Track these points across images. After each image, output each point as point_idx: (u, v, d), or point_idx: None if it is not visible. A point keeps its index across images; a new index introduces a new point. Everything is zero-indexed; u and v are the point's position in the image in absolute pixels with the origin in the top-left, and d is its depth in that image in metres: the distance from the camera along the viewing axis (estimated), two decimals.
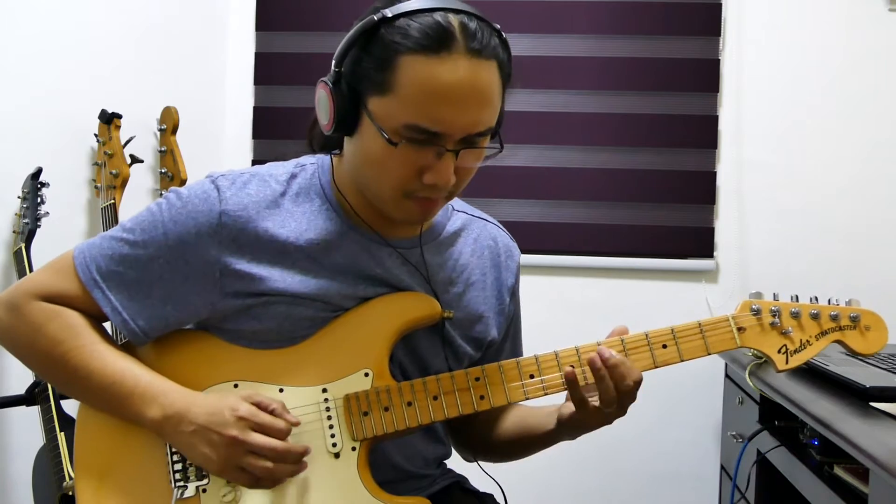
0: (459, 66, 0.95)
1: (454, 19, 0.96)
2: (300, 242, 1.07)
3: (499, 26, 1.01)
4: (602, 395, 1.04)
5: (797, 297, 1.14)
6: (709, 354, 1.11)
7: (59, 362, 1.07)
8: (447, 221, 1.19)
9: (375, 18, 0.97)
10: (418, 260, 1.13)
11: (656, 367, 1.09)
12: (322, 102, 1.03)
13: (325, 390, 1.07)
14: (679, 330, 1.10)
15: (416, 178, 1.01)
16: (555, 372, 1.08)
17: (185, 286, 1.06)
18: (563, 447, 1.22)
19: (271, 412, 1.01)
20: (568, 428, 1.12)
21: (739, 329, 1.11)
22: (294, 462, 1.01)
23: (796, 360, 1.12)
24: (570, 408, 1.08)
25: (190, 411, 1.01)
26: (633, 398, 1.06)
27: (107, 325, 1.12)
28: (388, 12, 0.97)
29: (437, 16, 0.96)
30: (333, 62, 1.01)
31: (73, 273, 1.08)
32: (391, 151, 0.98)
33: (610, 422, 1.09)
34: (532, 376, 1.08)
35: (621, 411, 1.07)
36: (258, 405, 1.02)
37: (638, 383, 1.05)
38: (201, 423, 1.00)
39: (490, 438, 1.26)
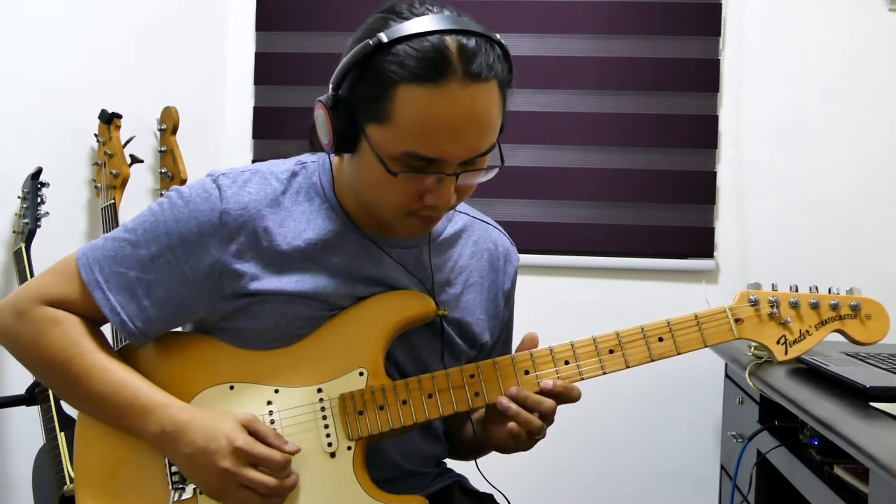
0: (457, 96, 0.94)
1: (451, 42, 0.94)
2: (298, 242, 1.07)
3: (499, 37, 0.99)
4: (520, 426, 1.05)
5: (796, 287, 1.13)
6: (706, 347, 1.10)
7: (61, 369, 1.07)
8: (448, 223, 1.19)
9: (371, 44, 0.95)
10: (416, 261, 1.13)
11: (653, 360, 1.09)
12: (321, 123, 1.02)
13: (320, 390, 1.07)
14: (675, 322, 1.10)
15: (417, 199, 1.01)
16: (549, 367, 1.08)
17: (185, 286, 1.06)
18: (562, 446, 1.22)
19: (269, 444, 1.01)
20: (492, 446, 1.14)
21: (737, 320, 1.10)
22: (287, 496, 1.02)
23: (796, 351, 1.10)
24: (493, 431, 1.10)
25: (188, 431, 1.01)
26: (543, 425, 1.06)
27: (105, 327, 1.13)
28: (384, 37, 0.94)
29: (435, 40, 0.93)
30: (331, 85, 1.00)
31: (75, 275, 1.08)
32: (391, 178, 0.98)
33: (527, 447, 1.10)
34: (527, 372, 1.08)
35: (530, 440, 1.08)
36: (256, 434, 1.01)
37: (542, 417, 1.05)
38: (198, 447, 1.00)
39: (455, 437, 1.26)
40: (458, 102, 0.94)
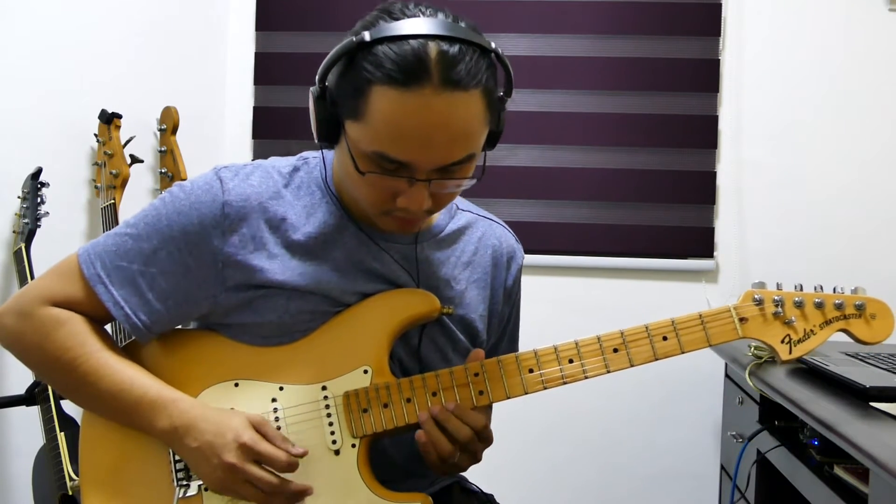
0: (431, 103, 0.92)
1: (433, 48, 0.92)
2: (299, 236, 1.08)
3: (494, 45, 0.97)
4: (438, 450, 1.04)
5: (801, 286, 1.12)
6: (710, 346, 1.10)
7: (68, 369, 1.07)
8: (450, 220, 1.19)
9: (354, 41, 0.95)
10: (416, 256, 1.13)
11: (657, 359, 1.09)
12: (310, 112, 1.03)
13: (324, 388, 1.08)
14: (679, 321, 1.09)
15: (391, 200, 1.00)
16: (554, 366, 1.08)
17: (188, 278, 1.06)
18: (562, 446, 1.22)
19: (275, 445, 1.01)
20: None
21: (741, 319, 1.10)
22: (290, 497, 1.01)
23: (800, 350, 1.09)
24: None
25: (197, 426, 1.02)
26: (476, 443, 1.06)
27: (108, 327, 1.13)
28: (367, 36, 0.94)
29: (416, 44, 0.92)
30: (317, 76, 1.01)
31: (77, 273, 1.08)
32: (361, 175, 0.98)
33: (462, 468, 1.09)
34: (531, 371, 1.08)
35: (471, 458, 1.08)
36: (264, 435, 1.02)
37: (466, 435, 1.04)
38: (206, 441, 1.01)
39: None
40: (431, 109, 0.93)
